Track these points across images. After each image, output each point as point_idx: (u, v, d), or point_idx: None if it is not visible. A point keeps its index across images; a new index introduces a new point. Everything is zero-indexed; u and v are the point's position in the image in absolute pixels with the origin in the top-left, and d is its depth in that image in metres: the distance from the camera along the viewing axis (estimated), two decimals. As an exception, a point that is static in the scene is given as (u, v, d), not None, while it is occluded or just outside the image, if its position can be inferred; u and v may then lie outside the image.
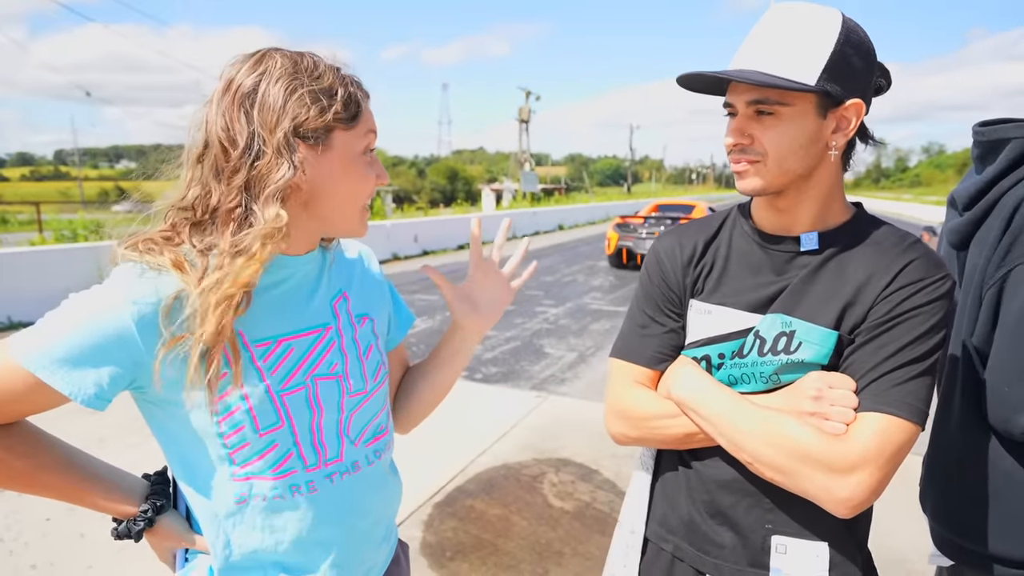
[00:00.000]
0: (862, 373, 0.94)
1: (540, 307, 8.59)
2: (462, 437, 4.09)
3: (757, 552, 1.03)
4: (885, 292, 0.94)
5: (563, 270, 12.26)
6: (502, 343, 6.69)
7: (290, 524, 0.91)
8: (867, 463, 0.88)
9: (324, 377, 0.92)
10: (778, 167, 0.96)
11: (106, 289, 0.81)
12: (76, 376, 0.78)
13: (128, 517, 0.93)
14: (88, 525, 2.97)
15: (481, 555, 2.81)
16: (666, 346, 1.11)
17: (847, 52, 0.92)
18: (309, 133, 0.83)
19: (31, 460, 0.86)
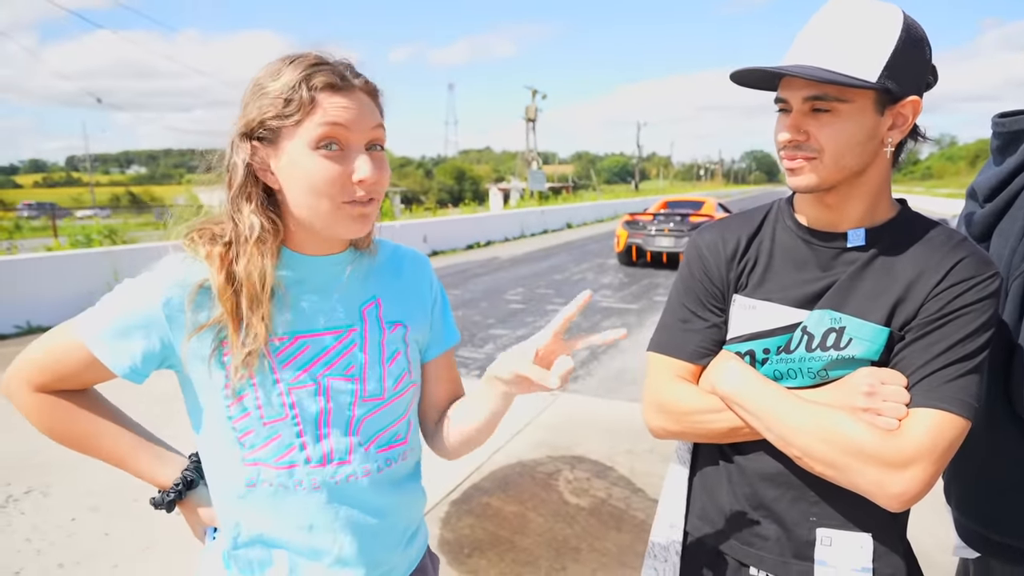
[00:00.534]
0: (913, 369, 0.94)
1: (551, 305, 8.58)
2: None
3: (802, 544, 1.03)
4: (936, 289, 0.94)
5: (572, 268, 12.24)
6: (514, 341, 6.66)
7: (294, 513, 0.92)
8: (921, 458, 0.88)
9: (338, 377, 0.93)
10: (835, 164, 0.95)
11: (146, 276, 0.90)
12: (115, 350, 0.88)
13: (164, 488, 1.00)
14: (112, 525, 3.02)
15: (499, 551, 2.82)
16: (708, 341, 1.10)
17: (907, 49, 0.91)
18: (263, 133, 0.86)
19: (92, 425, 0.97)
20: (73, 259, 7.85)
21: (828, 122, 0.93)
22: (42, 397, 0.94)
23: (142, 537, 2.91)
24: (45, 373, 0.93)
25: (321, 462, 0.92)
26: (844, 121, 0.93)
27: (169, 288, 0.87)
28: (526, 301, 8.90)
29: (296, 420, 0.90)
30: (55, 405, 0.95)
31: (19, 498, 3.27)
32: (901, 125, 0.96)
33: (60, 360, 0.92)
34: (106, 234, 10.59)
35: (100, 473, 3.53)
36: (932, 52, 0.97)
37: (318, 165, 0.84)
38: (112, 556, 2.76)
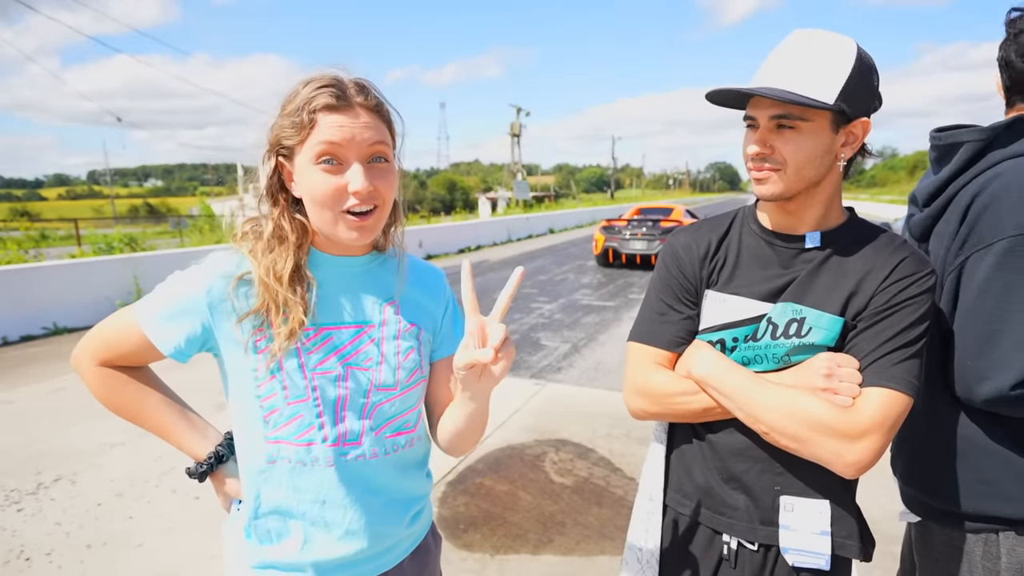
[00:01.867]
0: (865, 353, 0.97)
1: (535, 304, 8.59)
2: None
3: (768, 511, 1.05)
4: (883, 284, 0.98)
5: (555, 270, 12.26)
6: (503, 336, 6.69)
7: (310, 487, 0.94)
8: (873, 430, 0.92)
9: (356, 367, 0.94)
10: (796, 175, 0.98)
11: (195, 267, 0.93)
12: (163, 332, 0.92)
13: (198, 460, 1.02)
14: (136, 509, 2.98)
15: (491, 526, 2.82)
16: (683, 331, 1.12)
17: (860, 76, 0.94)
18: (283, 150, 0.91)
19: (142, 398, 1.01)
20: (95, 265, 7.72)
21: (791, 138, 0.96)
22: (103, 370, 0.98)
23: (163, 520, 2.88)
24: (108, 350, 0.97)
25: (336, 442, 0.93)
26: (805, 137, 0.96)
27: (213, 279, 0.91)
28: (513, 299, 8.88)
29: (317, 402, 0.92)
30: (112, 377, 0.99)
31: (49, 485, 3.22)
32: (852, 142, 0.99)
33: (120, 338, 0.96)
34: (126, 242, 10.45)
35: (124, 461, 3.49)
36: (880, 79, 1.00)
37: (318, 178, 0.87)
38: (136, 537, 2.73)
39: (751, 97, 1.00)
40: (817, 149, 0.97)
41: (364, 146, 0.88)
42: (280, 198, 0.93)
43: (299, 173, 0.90)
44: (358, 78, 0.91)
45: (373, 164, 0.90)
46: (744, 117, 1.03)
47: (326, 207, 0.88)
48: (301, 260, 0.93)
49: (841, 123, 0.97)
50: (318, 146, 0.86)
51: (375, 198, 0.89)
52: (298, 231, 0.93)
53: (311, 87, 0.88)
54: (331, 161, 0.87)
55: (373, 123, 0.89)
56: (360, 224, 0.89)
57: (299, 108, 0.87)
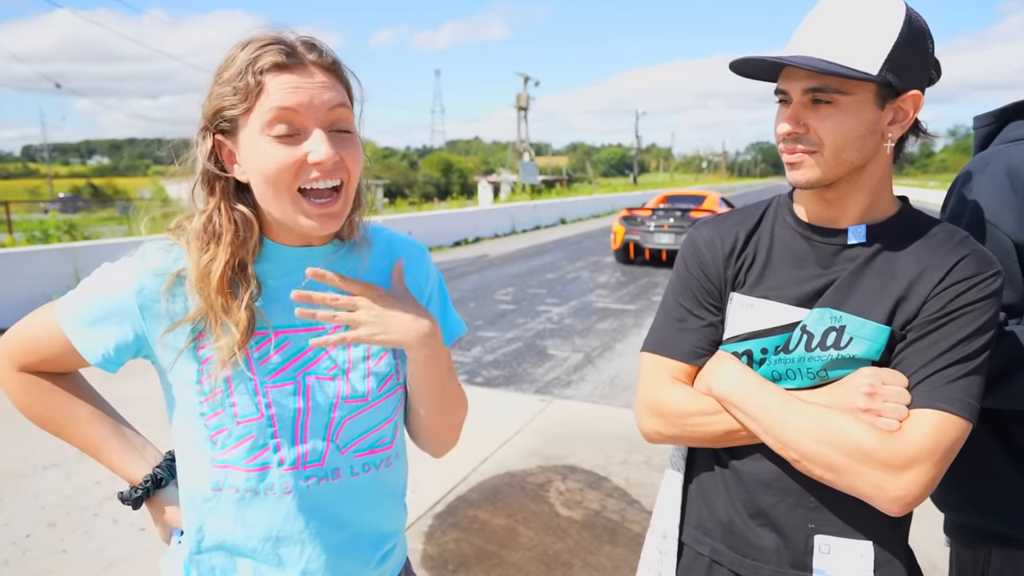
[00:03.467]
0: (915, 369, 0.96)
1: (543, 306, 8.60)
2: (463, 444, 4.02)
3: (800, 553, 1.04)
4: (938, 288, 0.96)
5: (566, 267, 12.27)
6: (503, 344, 6.70)
7: (261, 520, 0.93)
8: (923, 460, 0.90)
9: (318, 376, 0.93)
10: (835, 158, 0.97)
11: (125, 261, 0.92)
12: (89, 336, 0.91)
13: (133, 484, 1.02)
14: (71, 542, 2.98)
15: (485, 567, 2.83)
16: (704, 340, 1.11)
17: (909, 42, 0.93)
18: (220, 124, 0.88)
19: (70, 409, 1.00)
20: (29, 256, 7.78)
21: (828, 115, 0.96)
22: (23, 376, 0.98)
23: (102, 555, 2.89)
24: (28, 354, 0.97)
25: (295, 464, 0.92)
26: (844, 114, 0.95)
27: (144, 276, 0.89)
28: (517, 301, 8.91)
29: (272, 420, 0.91)
30: (34, 385, 0.98)
31: (-31, 513, 3.24)
32: (902, 120, 0.98)
33: (42, 342, 0.96)
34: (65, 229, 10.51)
35: (58, 486, 3.51)
36: (935, 46, 0.99)
37: (271, 151, 0.83)
38: (70, 574, 2.74)
39: (783, 68, 1.00)
40: (859, 127, 0.96)
41: (324, 110, 0.85)
42: (217, 186, 0.89)
43: (245, 149, 0.86)
44: (304, 36, 0.89)
45: (335, 132, 0.87)
46: (775, 91, 1.02)
47: (282, 185, 0.84)
48: (245, 258, 0.90)
49: (888, 97, 0.96)
50: (269, 112, 0.83)
51: (340, 171, 0.87)
52: (239, 226, 0.89)
53: (251, 48, 0.85)
54: (284, 130, 0.84)
55: (331, 83, 0.87)
56: (324, 211, 0.87)
57: (240, 72, 0.83)
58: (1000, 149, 1.18)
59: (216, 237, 0.88)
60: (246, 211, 0.90)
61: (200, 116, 0.89)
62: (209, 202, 0.90)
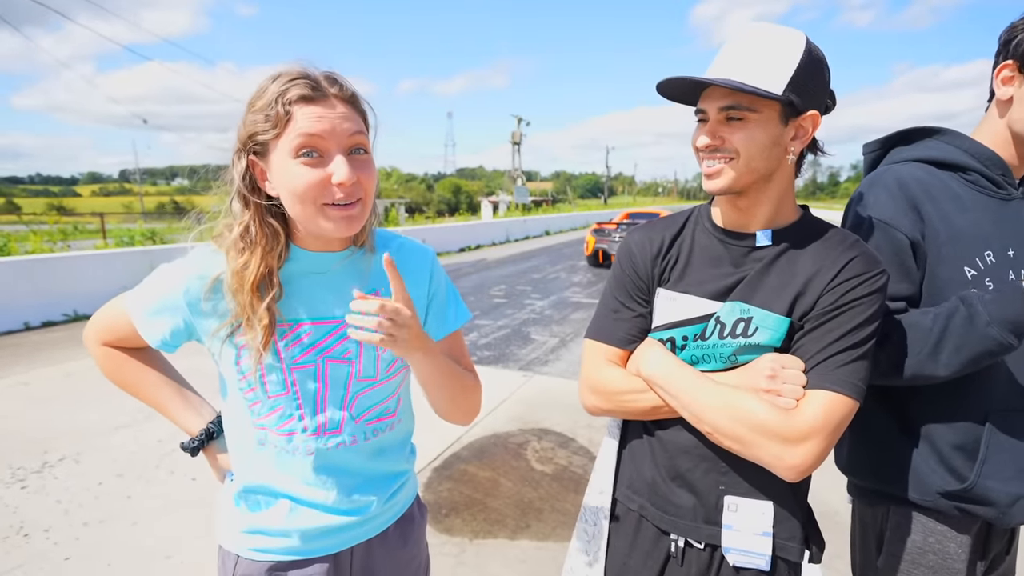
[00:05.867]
0: (810, 355, 0.90)
1: (528, 300, 8.51)
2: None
3: (712, 511, 0.98)
4: (831, 284, 0.90)
5: (548, 269, 12.17)
6: (495, 331, 6.61)
7: (295, 470, 0.93)
8: (815, 434, 0.85)
9: (336, 360, 0.91)
10: (746, 166, 0.91)
11: (178, 263, 0.91)
12: (149, 324, 0.91)
13: (192, 436, 1.03)
14: (134, 488, 2.91)
15: (472, 511, 2.75)
16: (635, 329, 1.05)
17: (809, 69, 0.87)
18: (253, 146, 0.84)
19: (141, 375, 1.02)
20: (115, 257, 7.65)
21: (739, 127, 0.90)
22: (106, 349, 1.01)
23: (159, 499, 2.80)
24: (108, 333, 0.99)
25: (316, 431, 0.91)
26: (753, 128, 0.89)
27: (190, 278, 0.88)
28: (507, 296, 8.82)
29: (296, 395, 0.90)
30: (114, 356, 1.01)
31: (54, 464, 3.15)
32: (802, 136, 0.92)
33: (115, 325, 0.97)
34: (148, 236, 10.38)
35: (127, 443, 3.42)
36: (831, 76, 0.93)
37: (298, 172, 0.81)
38: (132, 516, 2.65)
39: (703, 91, 0.93)
40: (766, 140, 0.89)
41: (344, 137, 0.82)
42: (251, 200, 0.86)
43: (276, 169, 0.83)
44: (326, 71, 0.84)
45: (354, 156, 0.83)
46: (696, 111, 0.96)
47: (307, 201, 0.81)
48: (272, 265, 0.87)
49: (791, 115, 0.90)
50: (297, 139, 0.80)
51: (358, 191, 0.84)
52: (268, 236, 0.86)
53: (280, 81, 0.81)
54: (311, 154, 0.80)
55: (350, 114, 0.84)
56: (345, 214, 0.83)
57: (271, 102, 0.80)
58: (888, 168, 1.12)
59: (251, 245, 0.85)
60: (275, 223, 0.87)
61: (235, 140, 0.85)
62: (244, 214, 0.86)
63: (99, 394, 4.18)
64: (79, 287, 7.00)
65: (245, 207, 0.86)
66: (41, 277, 6.70)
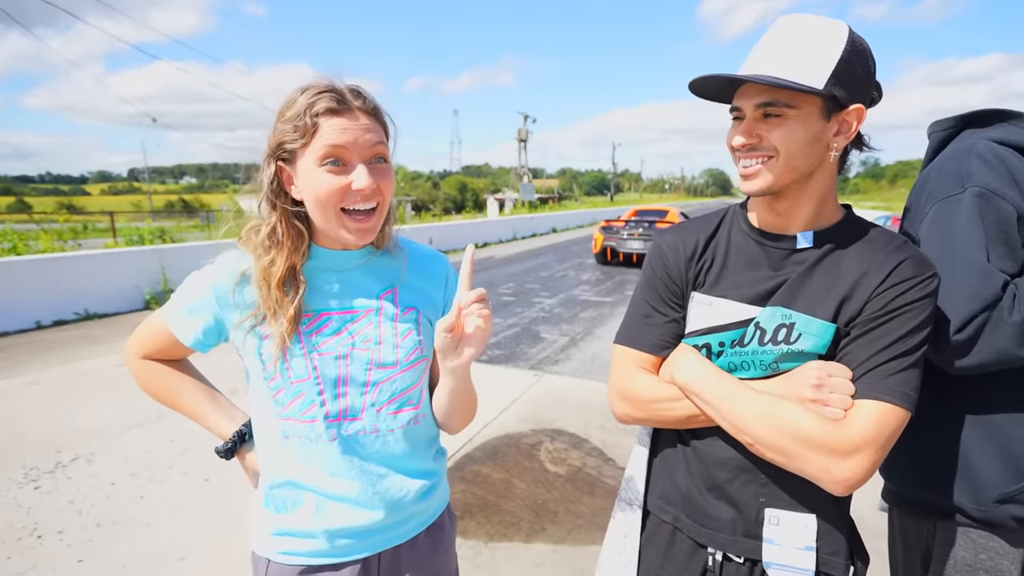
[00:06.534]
0: (858, 363, 0.85)
1: (537, 298, 8.47)
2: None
3: (751, 524, 0.94)
4: (880, 288, 0.85)
5: (556, 267, 12.11)
6: (504, 329, 6.58)
7: (319, 461, 0.93)
8: (865, 446, 0.80)
9: (356, 347, 0.93)
10: (786, 164, 0.86)
11: (208, 267, 0.95)
12: (183, 325, 0.96)
13: (224, 440, 1.04)
14: (147, 489, 2.90)
15: (486, 514, 2.72)
16: (668, 334, 1.01)
17: (853, 60, 0.83)
18: (284, 154, 0.89)
19: (176, 384, 1.05)
20: (125, 255, 7.64)
21: (778, 124, 0.85)
22: (144, 362, 1.05)
23: (172, 500, 2.79)
24: (146, 345, 1.03)
25: (336, 417, 0.92)
26: (793, 124, 0.85)
27: (220, 276, 0.93)
28: (516, 294, 8.78)
29: (318, 380, 0.91)
30: (152, 368, 1.04)
31: (67, 464, 3.14)
32: (846, 131, 0.87)
33: (154, 335, 1.01)
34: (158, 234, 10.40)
35: (140, 443, 3.41)
36: (876, 66, 0.88)
37: (323, 179, 0.86)
38: (145, 516, 2.64)
39: (737, 88, 0.89)
40: (807, 137, 0.85)
41: (366, 147, 0.87)
42: (278, 202, 0.91)
43: (302, 175, 0.88)
44: (351, 84, 0.89)
45: (374, 164, 0.89)
46: (730, 109, 0.92)
47: (329, 206, 0.87)
48: (297, 263, 0.92)
49: (833, 110, 0.85)
50: (322, 148, 0.85)
51: (377, 196, 0.89)
52: (294, 237, 0.92)
53: (309, 93, 0.86)
54: (336, 163, 0.86)
55: (372, 125, 0.88)
56: (362, 226, 0.89)
57: (300, 113, 0.85)
58: (975, 141, 1.05)
59: (278, 244, 0.91)
60: (300, 225, 0.92)
61: (266, 146, 0.91)
62: (272, 216, 0.92)
63: (111, 393, 4.18)
64: (90, 286, 7.01)
65: (272, 209, 0.92)
66: (53, 276, 6.72)
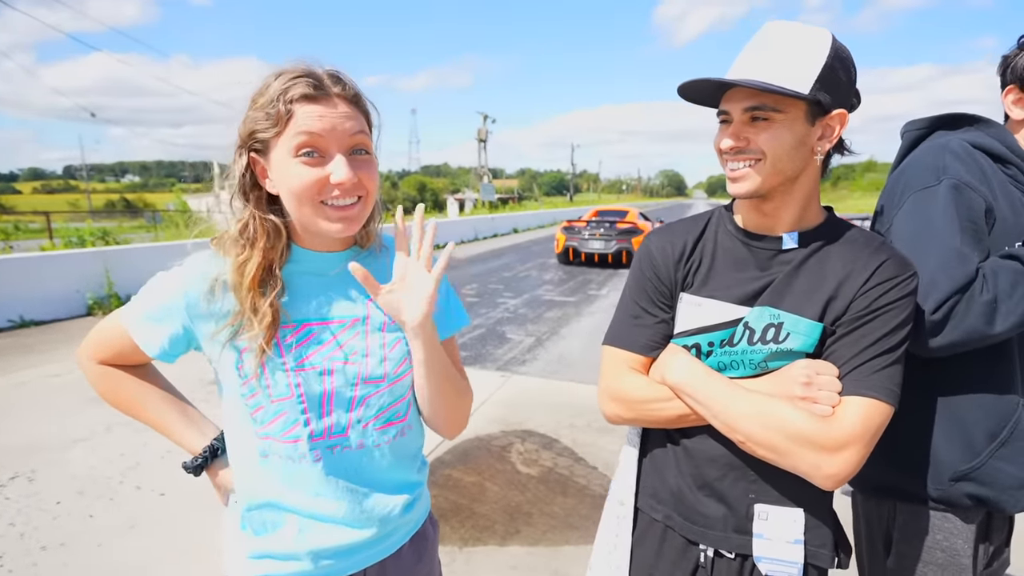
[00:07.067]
0: (845, 361, 0.88)
1: (501, 299, 8.46)
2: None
3: (742, 520, 0.96)
4: (864, 288, 0.88)
5: (519, 267, 12.14)
6: (470, 331, 6.54)
7: (302, 481, 0.88)
8: (854, 442, 0.83)
9: (341, 361, 0.87)
10: (773, 167, 0.88)
11: (176, 269, 0.88)
12: (146, 333, 0.87)
13: (194, 455, 0.97)
14: (97, 507, 2.72)
15: (460, 518, 2.69)
16: (658, 335, 1.02)
17: (836, 66, 0.85)
18: (254, 144, 0.82)
19: (140, 394, 0.96)
20: (65, 258, 7.19)
21: (765, 128, 0.87)
22: (102, 368, 0.95)
23: (126, 518, 2.64)
24: (103, 350, 0.94)
25: (322, 435, 0.87)
26: (779, 128, 0.87)
27: (190, 281, 0.85)
28: (480, 295, 8.75)
29: (301, 399, 0.85)
30: (110, 375, 0.95)
31: (4, 484, 2.93)
32: (829, 135, 0.90)
33: (111, 339, 0.92)
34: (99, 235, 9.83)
35: (86, 458, 3.21)
36: (857, 74, 0.91)
37: (298, 171, 0.79)
38: (97, 536, 2.49)
39: (725, 91, 0.91)
40: (792, 140, 0.87)
41: (345, 136, 0.80)
42: (252, 196, 0.85)
43: (276, 168, 0.81)
44: (330, 69, 0.83)
45: (355, 156, 0.82)
46: (717, 113, 0.93)
47: (305, 201, 0.80)
48: (273, 262, 0.85)
49: (817, 114, 0.88)
50: (297, 137, 0.78)
51: (359, 189, 0.83)
52: (270, 232, 0.85)
53: (284, 79, 0.79)
54: (312, 153, 0.79)
55: (352, 113, 0.82)
56: (344, 214, 0.82)
57: (273, 99, 0.78)
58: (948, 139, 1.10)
59: (251, 241, 0.84)
60: (276, 220, 0.86)
61: (237, 136, 0.84)
62: (244, 211, 0.85)
63: (52, 406, 3.92)
64: (25, 291, 6.54)
65: (245, 203, 0.85)
66: (-18, 281, 6.26)
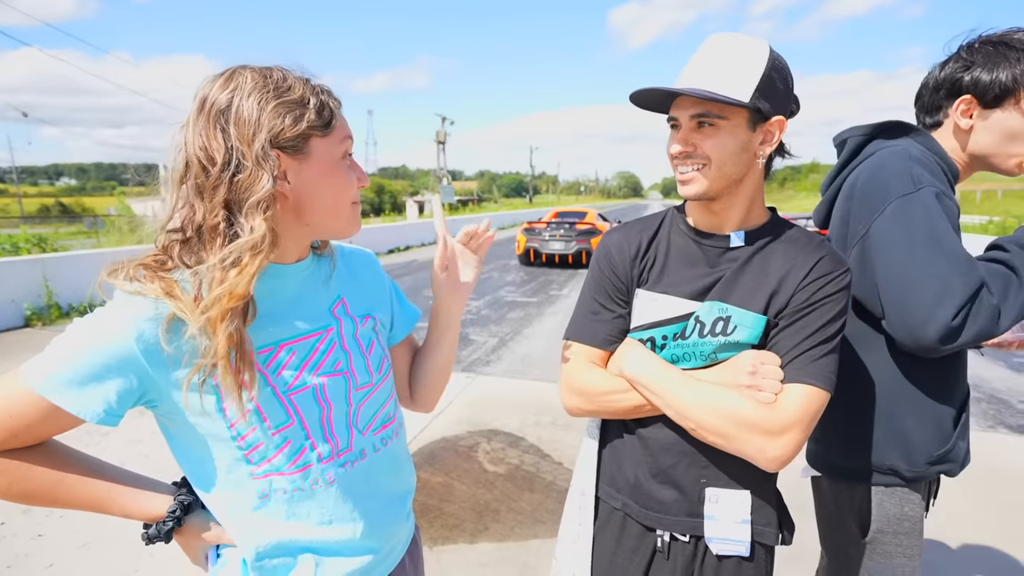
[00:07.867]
0: (786, 351, 0.95)
1: (464, 301, 8.46)
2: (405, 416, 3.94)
3: (694, 503, 1.03)
4: (803, 283, 0.96)
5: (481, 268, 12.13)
6: (433, 333, 6.53)
7: (312, 512, 0.83)
8: (795, 425, 0.90)
9: (330, 374, 0.84)
10: (718, 171, 0.95)
11: (107, 311, 0.72)
12: (84, 396, 0.70)
13: (157, 520, 0.83)
14: (46, 526, 2.61)
15: (428, 519, 2.71)
16: (615, 330, 1.08)
17: (773, 76, 0.92)
18: (287, 143, 0.75)
19: (56, 478, 0.76)
20: None
21: (711, 134, 0.94)
22: None
23: (79, 536, 2.54)
24: None
25: (330, 456, 0.84)
26: (724, 134, 0.94)
27: (141, 321, 0.71)
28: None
29: (303, 423, 0.81)
30: (7, 466, 0.73)
31: (-59, 507, 2.76)
32: (770, 140, 0.97)
33: (10, 415, 0.71)
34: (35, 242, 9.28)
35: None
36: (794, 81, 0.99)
37: (348, 174, 0.82)
38: (46, 557, 2.39)
39: (675, 99, 0.97)
40: (736, 145, 0.94)
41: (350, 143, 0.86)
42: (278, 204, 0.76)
43: (315, 169, 0.78)
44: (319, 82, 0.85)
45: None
46: (668, 119, 1.00)
47: (344, 203, 0.83)
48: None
49: (758, 121, 0.95)
50: (347, 141, 0.82)
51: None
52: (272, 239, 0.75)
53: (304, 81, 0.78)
54: (351, 157, 0.84)
55: None
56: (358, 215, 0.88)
57: (322, 100, 0.78)
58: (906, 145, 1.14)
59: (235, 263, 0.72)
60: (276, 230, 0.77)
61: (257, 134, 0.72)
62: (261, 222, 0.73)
63: None
64: (-46, 303, 6.16)
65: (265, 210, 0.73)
66: (-95, 293, 5.84)
